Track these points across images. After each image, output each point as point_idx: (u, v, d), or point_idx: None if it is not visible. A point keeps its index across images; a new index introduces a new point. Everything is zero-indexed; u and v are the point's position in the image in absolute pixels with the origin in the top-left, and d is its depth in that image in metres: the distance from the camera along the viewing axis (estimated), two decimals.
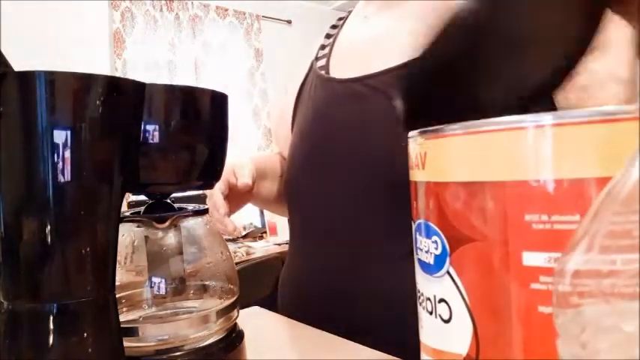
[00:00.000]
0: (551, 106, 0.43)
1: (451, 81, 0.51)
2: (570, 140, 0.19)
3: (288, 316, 0.62)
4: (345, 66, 0.65)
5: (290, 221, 0.69)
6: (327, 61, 0.68)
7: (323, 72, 0.67)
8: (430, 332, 0.25)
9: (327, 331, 0.55)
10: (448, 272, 0.23)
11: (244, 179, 0.61)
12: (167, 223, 0.39)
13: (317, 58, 0.72)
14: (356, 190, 0.56)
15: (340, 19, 0.77)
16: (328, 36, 0.75)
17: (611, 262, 0.13)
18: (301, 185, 0.64)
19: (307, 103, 0.68)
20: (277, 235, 2.58)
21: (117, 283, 0.33)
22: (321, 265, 0.59)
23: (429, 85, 0.53)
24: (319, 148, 0.61)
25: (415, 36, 0.56)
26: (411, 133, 0.26)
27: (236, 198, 0.64)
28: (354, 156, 0.56)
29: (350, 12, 0.75)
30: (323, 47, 0.73)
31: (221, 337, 0.40)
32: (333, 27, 0.76)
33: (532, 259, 0.20)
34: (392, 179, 0.52)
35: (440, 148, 0.23)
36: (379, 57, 0.58)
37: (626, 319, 0.13)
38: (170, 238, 0.41)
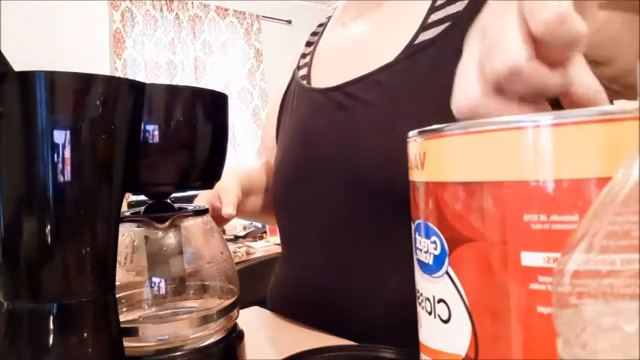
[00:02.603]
0: None
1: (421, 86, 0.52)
2: (570, 140, 0.19)
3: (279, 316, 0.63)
4: (326, 75, 0.64)
5: (280, 228, 0.70)
6: (309, 71, 0.68)
7: (304, 82, 0.67)
8: (429, 332, 0.25)
9: (322, 330, 0.55)
10: (447, 272, 0.23)
11: (228, 209, 0.61)
12: (167, 223, 0.39)
13: (298, 67, 0.72)
14: (342, 199, 0.56)
15: (320, 25, 0.76)
16: (309, 44, 0.74)
17: (611, 262, 0.13)
18: (288, 197, 0.64)
19: (290, 113, 0.68)
20: (277, 235, 2.58)
21: (117, 283, 0.33)
22: (311, 273, 0.59)
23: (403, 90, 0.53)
24: (304, 159, 0.61)
25: (390, 42, 0.56)
26: (410, 133, 0.26)
27: (219, 219, 0.65)
28: (338, 165, 0.56)
29: (329, 18, 0.75)
30: (304, 56, 0.73)
31: (221, 337, 0.40)
32: (314, 34, 0.76)
33: (531, 259, 0.20)
34: (378, 184, 0.52)
35: (439, 148, 0.23)
36: (357, 64, 0.58)
37: (625, 319, 0.13)
38: (170, 238, 0.41)
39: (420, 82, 0.52)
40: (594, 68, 0.42)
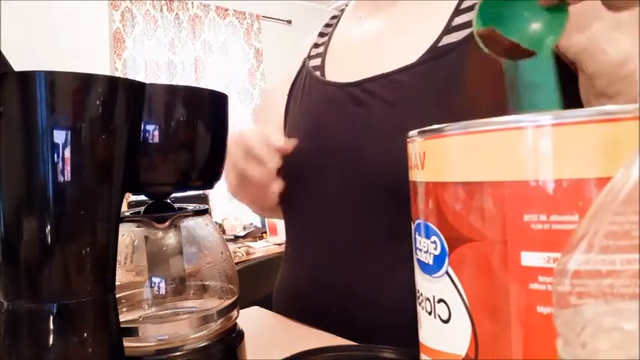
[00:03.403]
0: None
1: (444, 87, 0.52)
2: (570, 140, 0.19)
3: (285, 316, 0.62)
4: (342, 69, 0.64)
5: (286, 224, 0.69)
6: (322, 62, 0.67)
7: (318, 73, 0.66)
8: (429, 332, 0.25)
9: (325, 330, 0.55)
10: (447, 272, 0.23)
11: (281, 142, 0.55)
12: (167, 223, 0.39)
13: (310, 57, 0.71)
14: (354, 194, 0.56)
15: (334, 17, 0.76)
16: (322, 35, 0.73)
17: (611, 262, 0.13)
18: (298, 188, 0.64)
19: (300, 104, 0.67)
20: (277, 235, 2.58)
21: (117, 283, 0.33)
22: (318, 269, 0.59)
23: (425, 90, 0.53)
24: (315, 152, 0.60)
25: (411, 41, 0.56)
26: (410, 133, 0.26)
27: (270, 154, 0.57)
28: (350, 162, 0.56)
29: (343, 11, 0.75)
30: (317, 45, 0.72)
31: (221, 337, 0.40)
32: (327, 26, 0.75)
33: (531, 259, 0.20)
34: (390, 184, 0.52)
35: (439, 148, 0.23)
36: (375, 61, 0.58)
37: (626, 319, 0.13)
38: (170, 238, 0.41)
39: (441, 86, 0.51)
40: (598, 99, 0.42)
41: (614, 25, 0.43)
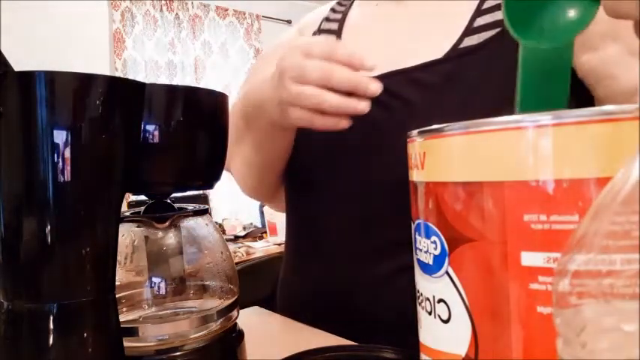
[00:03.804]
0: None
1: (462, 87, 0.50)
2: (570, 140, 0.19)
3: (289, 317, 0.62)
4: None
5: (292, 219, 0.68)
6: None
7: None
8: (429, 332, 0.25)
9: (328, 331, 0.55)
10: (447, 272, 0.23)
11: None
12: (167, 223, 0.39)
13: (320, 30, 0.68)
14: (364, 190, 0.55)
15: None
16: (334, 10, 0.70)
17: (611, 262, 0.13)
18: (303, 186, 0.63)
19: None
20: (277, 235, 2.58)
21: (117, 283, 0.33)
22: (325, 266, 0.59)
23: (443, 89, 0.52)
24: (324, 149, 0.59)
25: (429, 41, 0.55)
26: (410, 133, 0.26)
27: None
28: (362, 162, 0.55)
29: None
30: (328, 20, 0.69)
31: (221, 337, 0.40)
32: (340, 4, 0.71)
33: (531, 259, 0.20)
34: (400, 190, 0.51)
35: (439, 148, 0.23)
36: (392, 55, 0.56)
37: (626, 319, 0.13)
38: (170, 238, 0.41)
39: (464, 89, 0.50)
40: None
41: (630, 50, 0.41)
